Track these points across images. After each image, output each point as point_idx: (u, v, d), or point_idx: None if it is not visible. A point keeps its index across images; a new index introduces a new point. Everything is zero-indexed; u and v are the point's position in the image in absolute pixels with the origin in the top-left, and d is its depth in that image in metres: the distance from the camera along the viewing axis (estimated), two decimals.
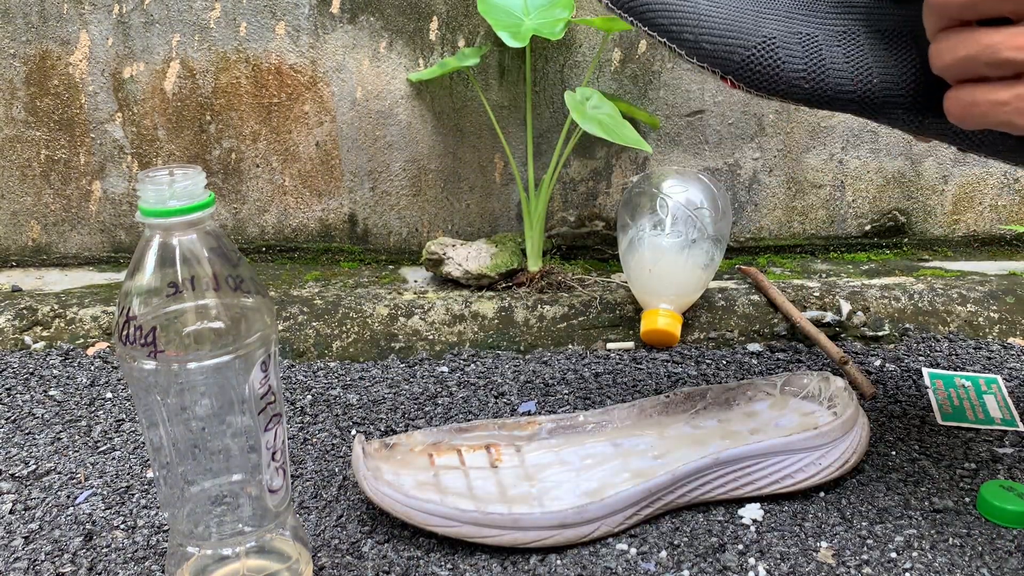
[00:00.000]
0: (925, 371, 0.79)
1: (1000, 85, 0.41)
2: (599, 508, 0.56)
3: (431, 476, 0.60)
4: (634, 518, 0.58)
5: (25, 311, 0.90)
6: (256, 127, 1.02)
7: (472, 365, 0.82)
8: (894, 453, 0.67)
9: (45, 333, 0.89)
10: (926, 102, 0.47)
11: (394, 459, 0.61)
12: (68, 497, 0.63)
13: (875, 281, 0.95)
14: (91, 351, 0.86)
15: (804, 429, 0.62)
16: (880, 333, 0.86)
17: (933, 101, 0.46)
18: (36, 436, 0.71)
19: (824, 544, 0.57)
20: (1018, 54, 0.39)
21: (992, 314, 0.88)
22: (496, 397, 0.76)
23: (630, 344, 0.86)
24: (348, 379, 0.81)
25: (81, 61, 0.99)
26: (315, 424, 0.73)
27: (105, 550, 0.57)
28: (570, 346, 0.87)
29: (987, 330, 0.87)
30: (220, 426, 0.47)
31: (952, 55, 0.42)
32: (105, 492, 0.64)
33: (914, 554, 0.56)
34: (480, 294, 0.93)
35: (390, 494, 0.56)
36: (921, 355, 0.83)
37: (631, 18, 0.49)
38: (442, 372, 0.81)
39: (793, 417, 0.66)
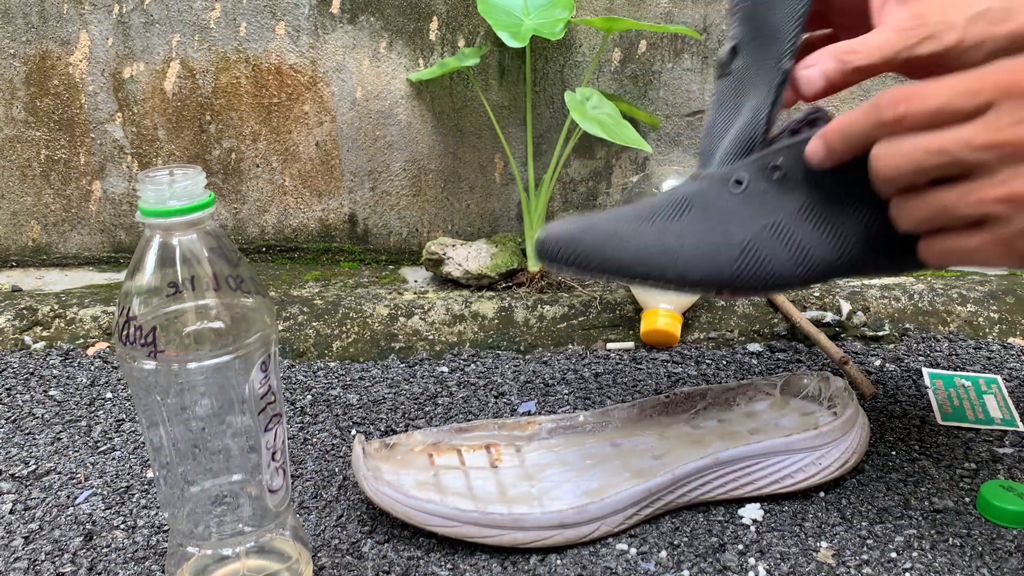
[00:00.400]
0: (925, 371, 0.79)
1: (966, 234, 0.43)
2: (599, 508, 0.56)
3: (431, 476, 0.60)
4: (634, 518, 0.58)
5: (25, 311, 0.90)
6: (256, 127, 1.02)
7: (472, 365, 0.83)
8: (894, 453, 0.67)
9: (45, 333, 0.89)
10: (903, 245, 0.49)
11: (394, 459, 0.61)
12: (68, 497, 0.63)
13: (875, 281, 0.95)
14: (91, 351, 0.86)
15: (804, 429, 0.62)
16: (880, 333, 0.86)
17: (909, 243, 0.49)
18: (36, 436, 0.71)
19: (824, 544, 0.57)
20: (974, 209, 0.41)
21: (992, 314, 0.88)
22: (496, 397, 0.76)
23: (630, 344, 0.86)
24: (348, 379, 0.81)
25: (81, 61, 0.99)
26: (315, 424, 0.73)
27: (105, 550, 0.57)
28: (570, 346, 0.87)
29: (987, 330, 0.87)
30: (220, 426, 0.47)
31: (912, 218, 0.44)
32: (105, 492, 0.64)
33: (914, 554, 0.56)
34: (480, 294, 0.93)
35: (390, 494, 0.56)
36: (921, 355, 0.83)
37: (617, 279, 0.52)
38: (442, 372, 0.81)
39: (793, 417, 0.66)
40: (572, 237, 0.51)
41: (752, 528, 0.58)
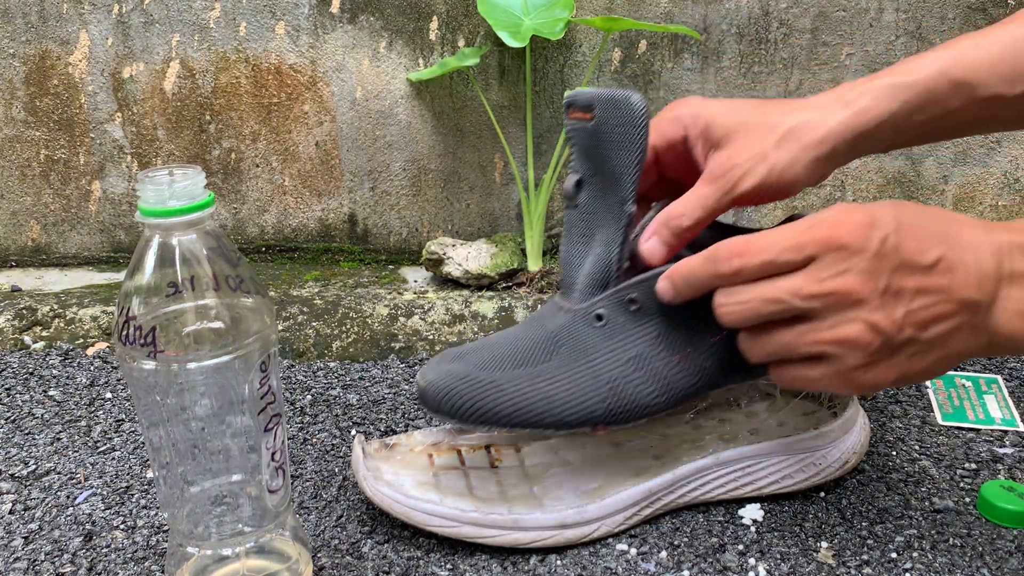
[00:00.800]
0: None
1: (808, 366, 0.47)
2: (599, 508, 0.56)
3: (431, 476, 0.60)
4: (634, 518, 0.58)
5: (25, 311, 0.90)
6: (256, 127, 1.02)
7: None
8: (894, 453, 0.67)
9: (45, 333, 0.89)
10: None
11: (394, 459, 0.61)
12: (68, 497, 0.63)
13: None
14: (91, 351, 0.86)
15: (804, 429, 0.62)
16: None
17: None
18: (36, 436, 0.71)
19: (824, 544, 0.57)
20: (810, 348, 0.45)
21: None
22: None
23: None
24: (348, 379, 0.80)
25: (81, 61, 0.99)
26: (315, 424, 0.73)
27: (105, 550, 0.57)
28: None
29: None
30: (220, 426, 0.47)
31: (758, 353, 0.48)
32: (105, 492, 0.64)
33: (914, 554, 0.56)
34: (480, 294, 0.93)
35: (390, 494, 0.56)
36: None
37: (499, 429, 0.54)
38: None
39: (793, 417, 0.66)
40: (451, 389, 0.54)
41: (752, 528, 0.58)
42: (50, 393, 0.78)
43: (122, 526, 0.60)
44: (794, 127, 0.51)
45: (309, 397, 0.77)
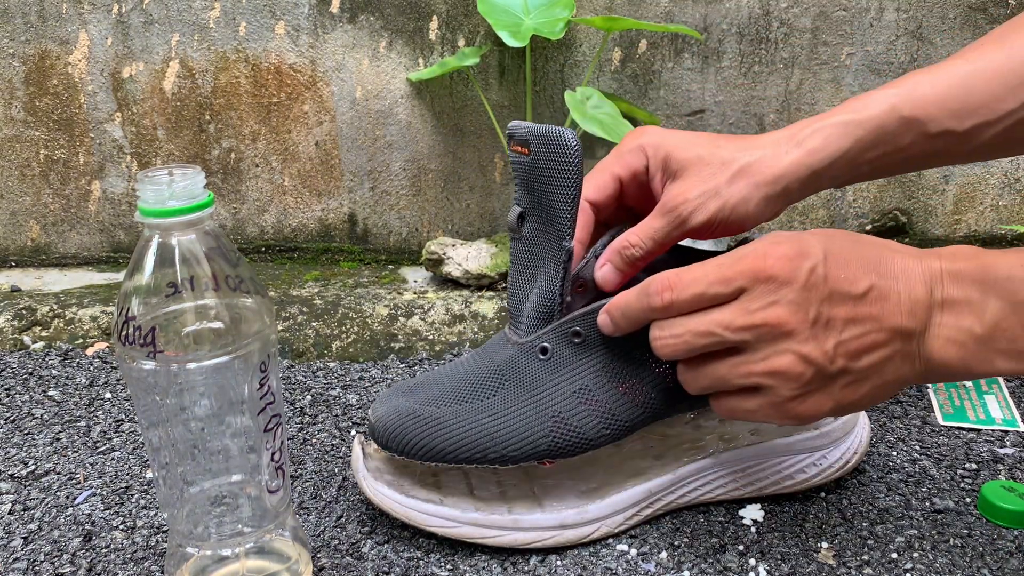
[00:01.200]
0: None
1: (744, 397, 0.47)
2: (599, 508, 0.56)
3: (431, 476, 0.59)
4: (634, 519, 0.58)
5: (24, 311, 0.90)
6: (255, 127, 1.02)
7: None
8: (895, 453, 0.67)
9: (44, 333, 0.89)
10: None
11: (394, 459, 0.61)
12: (67, 497, 0.63)
13: None
14: (90, 351, 0.86)
15: (805, 430, 0.62)
16: None
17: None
18: (35, 436, 0.71)
19: (825, 544, 0.57)
20: (744, 380, 0.46)
21: None
22: None
23: None
24: (348, 379, 0.80)
25: (80, 61, 0.99)
26: (315, 424, 0.73)
27: (104, 551, 0.57)
28: None
29: None
30: (219, 426, 0.47)
31: (695, 385, 0.49)
32: (104, 492, 0.64)
33: (915, 555, 0.55)
34: (480, 294, 0.93)
35: (390, 495, 0.56)
36: None
37: (445, 464, 0.55)
38: None
39: None
40: (397, 427, 0.56)
41: (753, 529, 0.58)
42: (50, 393, 0.78)
43: (122, 526, 0.60)
44: (747, 164, 0.52)
45: (309, 397, 0.77)
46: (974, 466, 0.65)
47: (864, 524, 0.58)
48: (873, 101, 0.52)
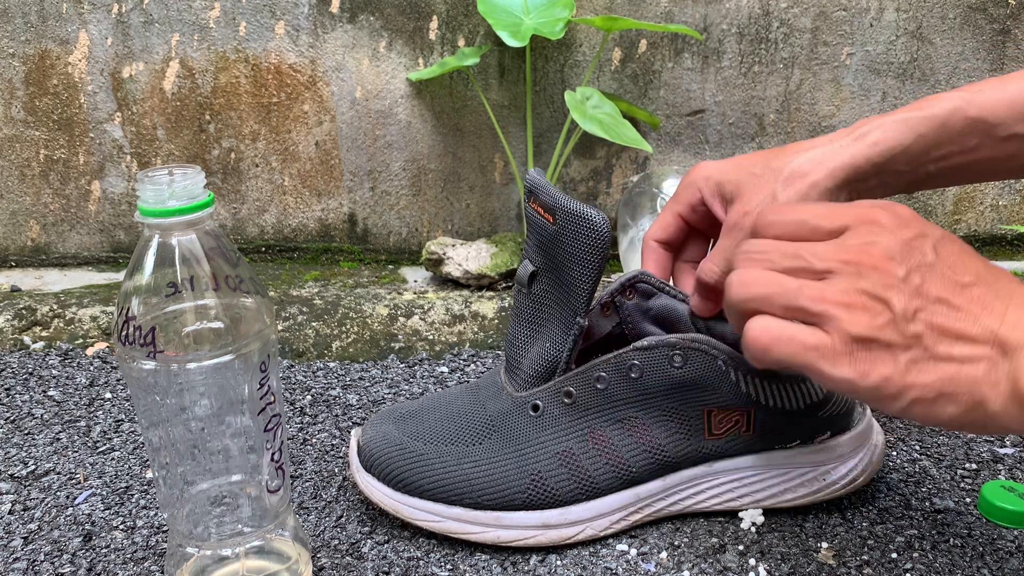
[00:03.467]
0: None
1: (799, 328, 0.41)
2: (583, 511, 0.56)
3: None
4: (622, 523, 0.57)
5: (24, 311, 0.90)
6: (255, 127, 1.02)
7: (472, 365, 0.82)
8: (895, 453, 0.67)
9: (44, 333, 0.89)
10: (686, 461, 0.57)
11: None
12: (67, 497, 0.63)
13: None
14: (90, 351, 0.86)
15: (808, 443, 0.59)
16: None
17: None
18: (35, 436, 0.71)
19: (825, 545, 0.57)
20: (813, 303, 0.40)
21: None
22: None
23: None
24: (348, 379, 0.80)
25: (80, 61, 0.99)
26: (315, 424, 0.73)
27: (104, 551, 0.57)
28: None
29: None
30: (219, 426, 0.47)
31: (748, 293, 0.42)
32: (104, 492, 0.64)
33: (915, 554, 0.55)
34: (480, 294, 0.93)
35: (380, 488, 0.57)
36: None
37: (421, 499, 0.57)
38: (442, 372, 0.81)
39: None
40: (382, 455, 0.57)
41: (752, 529, 0.58)
42: (50, 393, 0.78)
43: (122, 526, 0.60)
44: (799, 166, 0.52)
45: (309, 397, 0.77)
46: (974, 466, 0.65)
47: (864, 524, 0.58)
48: (938, 100, 0.52)
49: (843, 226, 0.42)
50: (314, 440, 0.70)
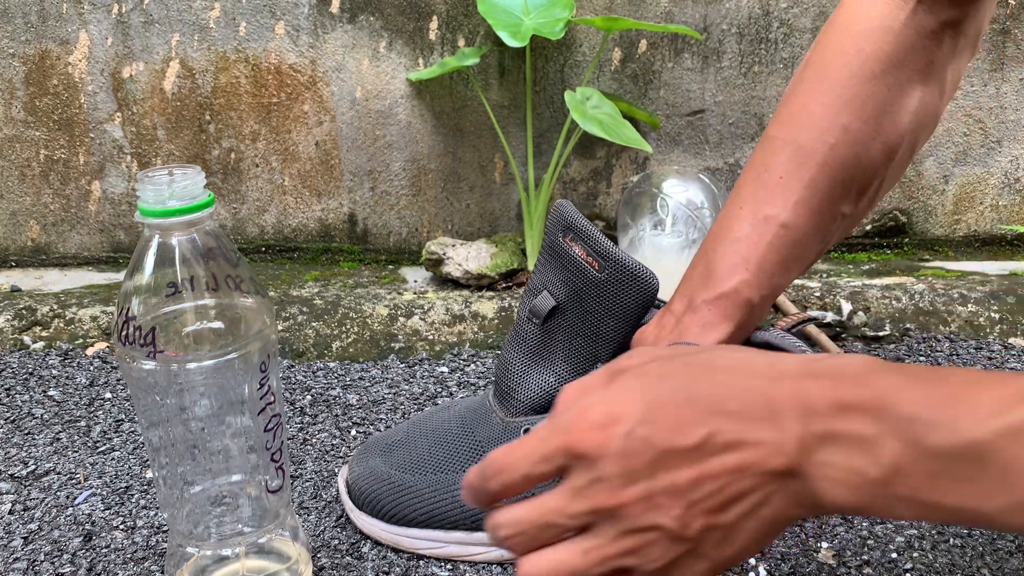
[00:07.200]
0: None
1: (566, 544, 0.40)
2: None
3: None
4: None
5: (24, 311, 0.90)
6: (255, 127, 1.02)
7: (472, 365, 0.82)
8: None
9: (44, 333, 0.89)
10: None
11: None
12: (67, 497, 0.63)
13: (876, 281, 0.95)
14: (90, 351, 0.86)
15: None
16: (881, 333, 0.86)
17: None
18: (35, 436, 0.71)
19: (825, 545, 0.57)
20: (602, 567, 0.39)
21: (993, 314, 0.88)
22: None
23: None
24: (348, 379, 0.80)
25: (80, 61, 0.99)
26: (315, 424, 0.73)
27: (104, 550, 0.57)
28: None
29: (988, 330, 0.87)
30: (219, 426, 0.47)
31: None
32: (104, 492, 0.64)
33: (915, 554, 0.55)
34: (480, 294, 0.93)
35: (375, 523, 0.57)
36: (922, 355, 0.83)
37: (390, 525, 0.57)
38: (442, 372, 0.81)
39: None
40: (371, 491, 0.57)
41: None
42: (50, 393, 0.78)
43: (122, 526, 0.60)
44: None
45: (309, 397, 0.77)
46: None
47: (864, 524, 0.58)
48: (724, 281, 0.54)
49: (559, 466, 0.39)
50: (314, 440, 0.70)
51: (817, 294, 0.90)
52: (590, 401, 0.39)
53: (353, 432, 0.71)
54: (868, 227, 1.07)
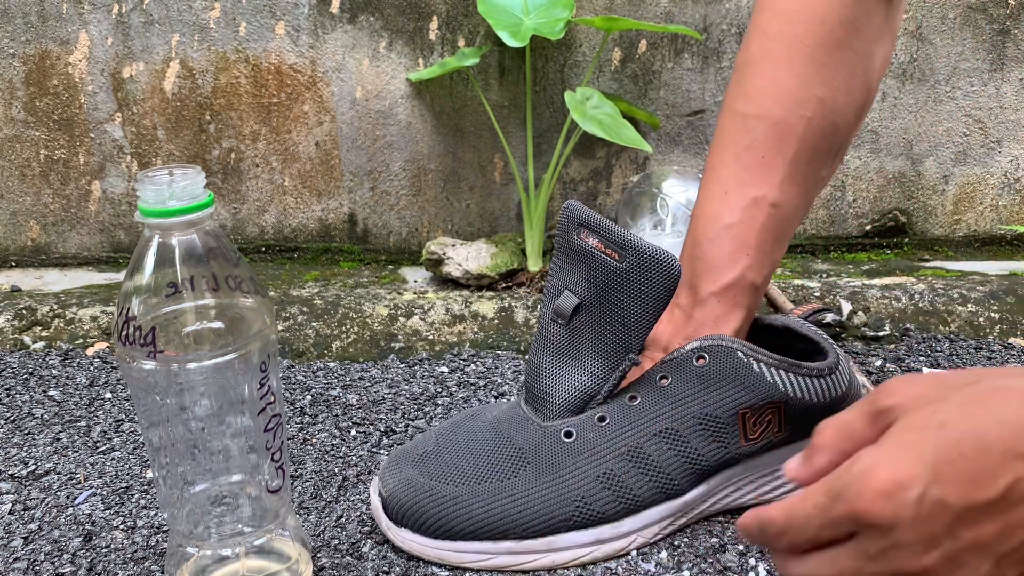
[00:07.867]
0: (926, 371, 0.79)
1: None
2: (635, 522, 0.55)
3: None
4: (669, 528, 0.57)
5: (24, 311, 0.90)
6: (256, 127, 1.02)
7: (472, 365, 0.82)
8: None
9: (44, 333, 0.89)
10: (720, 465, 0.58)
11: None
12: (67, 497, 0.63)
13: (876, 281, 0.95)
14: (90, 351, 0.86)
15: None
16: (881, 333, 0.86)
17: None
18: (35, 436, 0.71)
19: None
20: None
21: (993, 314, 0.88)
22: (496, 397, 0.76)
23: None
24: (348, 379, 0.80)
25: (81, 61, 0.99)
26: (315, 424, 0.73)
27: (104, 550, 0.57)
28: None
29: (988, 330, 0.87)
30: (219, 426, 0.47)
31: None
32: (104, 492, 0.64)
33: None
34: (480, 294, 0.93)
35: (417, 539, 0.55)
36: (922, 355, 0.83)
37: (436, 540, 0.55)
38: (442, 372, 0.81)
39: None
40: (413, 504, 0.55)
41: None
42: (50, 393, 0.78)
43: (122, 526, 0.60)
44: None
45: (309, 397, 0.77)
46: None
47: None
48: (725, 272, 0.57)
49: (849, 532, 0.38)
50: (314, 440, 0.70)
51: (817, 294, 0.90)
52: (868, 464, 0.37)
53: (353, 432, 0.71)
54: (868, 227, 1.07)
